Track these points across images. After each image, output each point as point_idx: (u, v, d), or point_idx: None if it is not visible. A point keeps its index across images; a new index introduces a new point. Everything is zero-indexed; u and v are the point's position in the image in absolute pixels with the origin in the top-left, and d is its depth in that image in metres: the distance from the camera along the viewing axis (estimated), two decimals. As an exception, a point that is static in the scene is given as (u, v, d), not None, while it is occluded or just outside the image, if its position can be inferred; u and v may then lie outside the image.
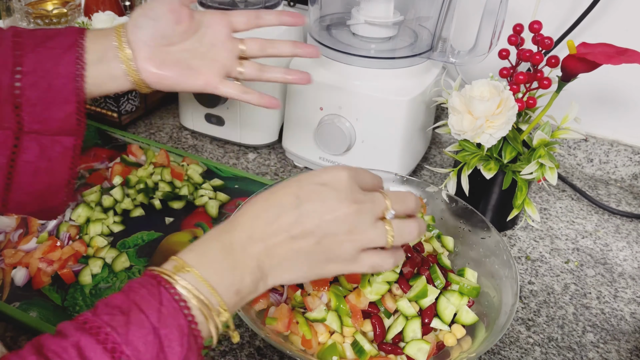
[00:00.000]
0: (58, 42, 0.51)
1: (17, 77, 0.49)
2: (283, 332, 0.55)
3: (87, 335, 0.34)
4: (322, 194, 0.43)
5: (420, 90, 0.77)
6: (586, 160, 0.93)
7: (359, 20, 0.78)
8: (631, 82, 0.86)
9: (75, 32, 0.53)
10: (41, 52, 0.50)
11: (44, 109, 0.50)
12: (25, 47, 0.50)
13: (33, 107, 0.50)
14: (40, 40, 0.51)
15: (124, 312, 0.35)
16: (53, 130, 0.51)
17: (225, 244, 0.42)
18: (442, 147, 0.97)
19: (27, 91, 0.49)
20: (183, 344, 0.36)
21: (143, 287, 0.38)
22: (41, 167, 0.52)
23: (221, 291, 0.40)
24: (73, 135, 0.53)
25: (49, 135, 0.51)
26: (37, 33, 0.52)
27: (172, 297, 0.37)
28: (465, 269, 0.61)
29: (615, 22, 0.83)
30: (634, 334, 0.64)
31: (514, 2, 0.84)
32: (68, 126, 0.52)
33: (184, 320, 0.37)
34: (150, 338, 0.35)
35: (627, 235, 0.80)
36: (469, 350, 0.53)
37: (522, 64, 0.71)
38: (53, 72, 0.50)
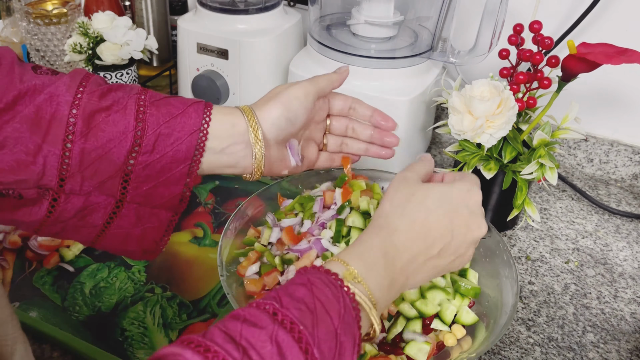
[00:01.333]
0: (182, 123, 0.49)
1: (132, 155, 0.48)
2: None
3: (283, 329, 0.34)
4: (469, 220, 0.48)
5: (420, 90, 0.77)
6: (586, 160, 0.93)
7: (359, 20, 0.78)
8: (631, 82, 0.86)
9: (201, 112, 0.50)
10: (161, 132, 0.48)
11: (151, 187, 0.50)
12: (147, 126, 0.48)
13: (141, 184, 0.49)
14: (163, 118, 0.49)
15: (311, 311, 0.36)
16: (154, 204, 0.51)
17: (388, 261, 0.43)
18: (442, 147, 0.97)
19: (139, 169, 0.48)
20: (354, 354, 0.36)
21: (327, 286, 0.38)
22: (133, 234, 0.52)
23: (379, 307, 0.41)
24: (172, 211, 0.53)
25: (148, 207, 0.51)
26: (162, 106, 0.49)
27: (351, 304, 0.38)
28: (468, 270, 0.61)
29: (615, 22, 0.83)
30: (634, 334, 0.64)
31: (514, 2, 0.84)
32: (170, 204, 0.52)
33: (357, 331, 0.37)
34: (333, 343, 0.35)
35: (627, 235, 0.80)
36: (469, 350, 0.53)
37: (522, 64, 0.71)
38: (169, 156, 0.49)
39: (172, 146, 0.49)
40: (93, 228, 0.51)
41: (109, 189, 0.49)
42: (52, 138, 0.45)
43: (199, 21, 0.87)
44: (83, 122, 0.46)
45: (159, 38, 1.01)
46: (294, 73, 0.80)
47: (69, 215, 0.49)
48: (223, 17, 0.85)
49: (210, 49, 0.85)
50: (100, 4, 0.96)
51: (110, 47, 0.87)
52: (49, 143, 0.45)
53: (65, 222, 0.50)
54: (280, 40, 0.87)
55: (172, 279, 0.65)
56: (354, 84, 0.76)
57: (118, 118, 0.47)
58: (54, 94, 0.46)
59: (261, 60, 0.85)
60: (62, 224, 0.50)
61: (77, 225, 0.50)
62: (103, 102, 0.47)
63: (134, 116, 0.47)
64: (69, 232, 0.51)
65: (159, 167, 0.49)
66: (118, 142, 0.47)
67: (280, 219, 0.66)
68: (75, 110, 0.46)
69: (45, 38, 0.98)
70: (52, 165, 0.46)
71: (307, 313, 0.35)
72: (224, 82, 0.86)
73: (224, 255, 0.59)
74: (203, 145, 0.50)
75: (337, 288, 0.38)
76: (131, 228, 0.52)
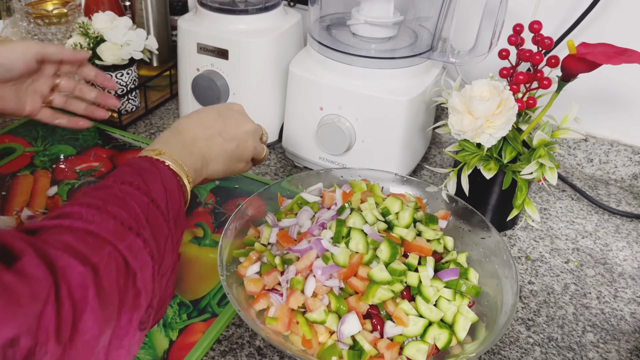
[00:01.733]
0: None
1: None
2: (283, 332, 0.55)
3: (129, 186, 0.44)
4: (235, 113, 0.63)
5: (420, 90, 0.77)
6: (586, 160, 0.93)
7: (359, 20, 0.78)
8: (631, 82, 0.86)
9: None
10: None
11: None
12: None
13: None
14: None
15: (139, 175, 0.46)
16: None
17: (179, 141, 0.55)
18: (442, 147, 0.97)
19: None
20: (180, 195, 0.49)
21: (143, 161, 0.49)
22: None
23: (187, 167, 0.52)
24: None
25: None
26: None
27: (166, 167, 0.50)
28: (469, 269, 0.61)
29: (615, 22, 0.83)
30: (634, 334, 0.64)
31: (514, 2, 0.84)
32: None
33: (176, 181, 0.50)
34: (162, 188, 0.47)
35: (627, 235, 0.80)
36: (468, 350, 0.54)
37: (522, 64, 0.71)
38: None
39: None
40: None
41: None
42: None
43: (199, 21, 0.87)
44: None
45: (159, 38, 1.01)
46: (294, 73, 0.80)
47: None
48: (223, 17, 0.85)
49: (210, 49, 0.85)
50: (100, 4, 0.96)
51: (110, 47, 0.87)
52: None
53: None
54: (280, 41, 0.87)
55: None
56: (354, 84, 0.76)
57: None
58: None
59: (261, 61, 0.85)
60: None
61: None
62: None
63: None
64: None
65: None
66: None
67: (280, 219, 0.66)
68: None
69: (46, 38, 0.98)
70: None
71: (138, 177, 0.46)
72: (224, 82, 0.86)
73: (224, 255, 0.59)
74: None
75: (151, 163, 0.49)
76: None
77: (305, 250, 0.59)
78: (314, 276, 0.57)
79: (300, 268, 0.57)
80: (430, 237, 0.64)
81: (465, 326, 0.56)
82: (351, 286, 0.56)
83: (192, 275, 0.66)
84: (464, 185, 0.72)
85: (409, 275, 0.57)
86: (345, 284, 0.57)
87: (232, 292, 0.55)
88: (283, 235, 0.63)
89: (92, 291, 0.35)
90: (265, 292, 0.58)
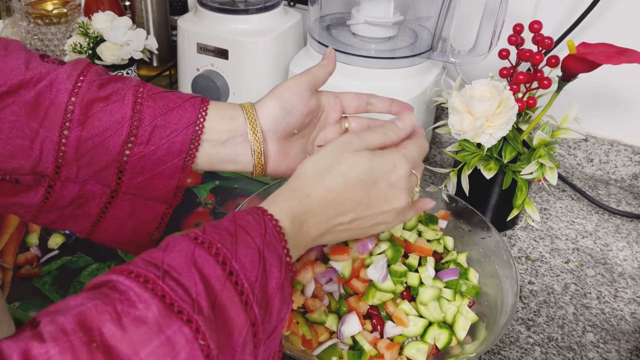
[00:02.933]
0: (178, 116, 0.49)
1: (128, 146, 0.48)
2: (283, 332, 0.55)
3: (200, 247, 0.35)
4: (387, 194, 0.48)
5: (420, 90, 0.77)
6: (586, 160, 0.93)
7: (359, 20, 0.78)
8: (631, 82, 0.86)
9: (198, 106, 0.50)
10: (157, 124, 0.49)
11: (146, 179, 0.50)
12: (143, 117, 0.48)
13: (136, 175, 0.49)
14: (160, 110, 0.49)
15: (231, 234, 0.37)
16: (149, 197, 0.51)
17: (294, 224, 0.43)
18: (442, 147, 0.97)
19: (134, 160, 0.49)
20: (282, 269, 0.38)
21: (248, 214, 0.40)
22: (127, 225, 0.53)
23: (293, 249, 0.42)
24: (167, 204, 0.53)
25: (143, 199, 0.52)
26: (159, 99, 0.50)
27: (274, 227, 0.40)
28: (469, 269, 0.61)
29: (615, 22, 0.83)
30: (634, 334, 0.64)
31: (514, 2, 0.84)
32: (164, 196, 0.52)
33: (282, 250, 0.39)
34: (255, 258, 0.37)
35: (627, 235, 0.80)
36: (469, 350, 0.53)
37: (522, 64, 0.71)
38: (164, 148, 0.49)
39: (168, 138, 0.49)
40: (88, 217, 0.51)
41: (104, 179, 0.49)
42: (49, 124, 0.46)
43: (199, 21, 0.87)
44: (81, 110, 0.47)
45: (159, 38, 1.01)
46: (294, 73, 0.80)
47: (65, 202, 0.50)
48: (223, 17, 0.85)
49: (210, 49, 0.85)
50: (100, 4, 0.96)
51: (110, 47, 0.87)
52: (46, 129, 0.46)
53: (61, 209, 0.50)
54: (280, 40, 0.87)
55: (172, 279, 0.65)
56: (354, 84, 0.76)
57: (115, 108, 0.48)
58: (55, 81, 0.47)
59: (261, 60, 0.85)
60: (58, 212, 0.50)
61: (73, 214, 0.51)
62: (102, 92, 0.48)
63: (131, 107, 0.48)
64: (65, 220, 0.52)
65: (154, 159, 0.49)
66: (114, 132, 0.47)
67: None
68: (74, 98, 0.47)
69: (45, 38, 0.98)
70: (48, 151, 0.46)
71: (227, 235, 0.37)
72: (224, 82, 0.86)
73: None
74: (199, 138, 0.50)
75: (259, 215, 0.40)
76: (126, 219, 0.52)
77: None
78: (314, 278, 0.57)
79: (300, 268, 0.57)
80: (430, 237, 0.64)
81: (465, 326, 0.56)
82: (352, 287, 0.56)
83: (192, 275, 0.66)
84: (464, 185, 0.72)
85: (409, 276, 0.57)
86: (345, 286, 0.57)
87: (232, 292, 0.55)
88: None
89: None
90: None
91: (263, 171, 0.54)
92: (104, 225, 0.52)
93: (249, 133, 0.52)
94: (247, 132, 0.52)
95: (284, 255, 0.39)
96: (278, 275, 0.38)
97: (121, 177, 0.49)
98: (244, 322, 0.34)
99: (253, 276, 0.36)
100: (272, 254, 0.38)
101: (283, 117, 0.53)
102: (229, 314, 0.33)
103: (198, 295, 0.32)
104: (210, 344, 0.31)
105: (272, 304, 0.37)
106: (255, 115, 0.52)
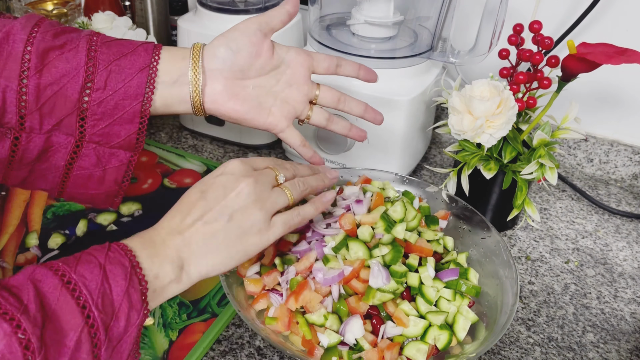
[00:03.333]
0: (132, 61, 0.52)
1: (86, 92, 0.50)
2: (283, 332, 0.55)
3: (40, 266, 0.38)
4: (221, 181, 0.49)
5: (420, 90, 0.77)
6: (586, 160, 0.93)
7: (359, 20, 0.78)
8: (631, 82, 0.86)
9: (150, 51, 0.53)
10: (112, 70, 0.51)
11: (107, 125, 0.52)
12: (98, 63, 0.51)
13: (97, 122, 0.51)
14: (114, 56, 0.51)
15: (75, 257, 0.40)
16: (112, 144, 0.53)
17: (146, 240, 0.45)
18: (442, 147, 0.97)
19: (93, 106, 0.51)
20: (126, 278, 0.40)
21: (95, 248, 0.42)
22: (95, 175, 0.54)
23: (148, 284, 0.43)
24: (131, 151, 0.54)
25: (107, 147, 0.53)
26: (113, 46, 0.52)
27: (120, 247, 0.42)
28: (469, 269, 0.61)
29: (615, 22, 0.83)
30: (634, 334, 0.64)
31: (514, 2, 0.84)
32: (127, 143, 0.53)
33: (127, 261, 0.41)
34: (96, 270, 0.39)
35: (627, 235, 0.80)
36: (468, 350, 0.53)
37: (522, 64, 0.71)
38: (121, 92, 0.51)
39: (124, 82, 0.51)
40: (56, 170, 0.53)
41: (67, 128, 0.51)
42: (8, 73, 0.48)
43: (199, 21, 0.87)
44: (37, 58, 0.49)
45: (159, 38, 1.01)
46: (294, 73, 0.80)
47: (32, 156, 0.52)
48: (223, 17, 0.85)
49: (210, 49, 0.85)
50: (100, 4, 0.96)
51: (110, 47, 0.87)
52: (6, 78, 0.48)
53: (30, 165, 0.52)
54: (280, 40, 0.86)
55: (172, 279, 0.65)
56: (354, 84, 0.76)
57: (70, 56, 0.50)
58: (10, 32, 0.49)
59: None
60: (27, 168, 0.52)
61: (42, 170, 0.53)
62: (56, 40, 0.50)
63: (85, 53, 0.51)
64: (35, 179, 0.54)
65: (113, 104, 0.51)
66: (71, 78, 0.50)
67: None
68: (30, 47, 0.49)
69: (45, 38, 0.98)
70: (11, 101, 0.48)
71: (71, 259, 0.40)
72: (224, 82, 0.86)
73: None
74: (153, 81, 0.52)
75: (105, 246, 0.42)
76: (93, 169, 0.54)
77: (305, 251, 0.59)
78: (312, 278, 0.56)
79: (300, 269, 0.57)
80: (430, 238, 0.63)
81: (465, 326, 0.56)
82: (352, 288, 0.56)
83: (192, 275, 0.66)
84: (464, 185, 0.72)
85: (409, 276, 0.57)
86: (345, 286, 0.57)
87: (232, 292, 0.55)
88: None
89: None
90: (265, 292, 0.58)
91: (202, 109, 0.56)
92: (73, 178, 0.54)
93: (188, 71, 0.54)
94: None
95: (129, 265, 0.41)
96: (122, 283, 0.40)
97: (84, 125, 0.51)
98: (79, 323, 0.37)
99: (93, 284, 0.38)
100: (116, 266, 0.40)
101: (228, 56, 0.55)
102: (62, 316, 0.36)
103: (28, 300, 0.35)
104: (31, 337, 0.34)
105: (119, 310, 0.39)
106: (200, 54, 0.54)
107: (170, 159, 0.85)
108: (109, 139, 0.53)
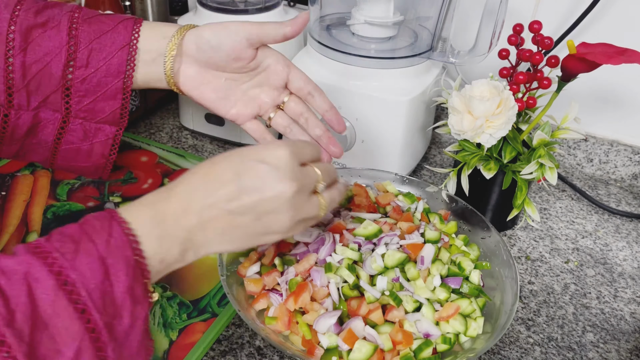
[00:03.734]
0: (112, 39, 0.54)
1: (69, 70, 0.53)
2: (283, 332, 0.55)
3: (36, 258, 0.35)
4: (262, 171, 0.43)
5: (420, 90, 0.77)
6: (586, 160, 0.93)
7: (359, 20, 0.78)
8: (631, 82, 0.86)
9: (130, 27, 0.55)
10: (94, 48, 0.53)
11: (91, 102, 0.54)
12: (79, 42, 0.53)
13: (81, 98, 0.54)
14: (95, 34, 0.54)
15: (75, 241, 0.37)
16: (98, 119, 0.56)
17: (158, 214, 0.41)
18: (442, 147, 0.97)
19: (77, 83, 0.53)
20: (129, 273, 0.37)
21: (97, 219, 0.39)
22: (83, 149, 0.57)
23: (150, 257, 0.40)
24: (116, 126, 0.57)
25: (93, 123, 0.56)
26: (94, 23, 0.54)
27: (123, 230, 0.38)
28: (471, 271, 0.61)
29: (615, 22, 0.83)
30: (634, 334, 0.64)
31: (514, 2, 0.84)
32: (112, 118, 0.56)
33: (131, 253, 0.38)
34: (96, 265, 0.36)
35: (627, 235, 0.80)
36: (468, 350, 0.54)
37: (522, 64, 0.71)
38: (103, 70, 0.54)
39: (105, 60, 0.53)
40: (46, 145, 0.56)
41: (53, 104, 0.54)
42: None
43: (199, 21, 0.87)
44: (21, 37, 0.51)
45: (159, 38, 1.01)
46: (294, 73, 0.80)
47: (22, 132, 0.54)
48: (223, 17, 0.85)
49: (210, 49, 0.85)
50: (100, 4, 0.96)
51: (110, 47, 0.87)
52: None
53: (20, 141, 0.55)
54: (280, 40, 0.87)
55: (172, 278, 0.65)
56: (354, 84, 0.76)
57: (53, 34, 0.52)
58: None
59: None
60: (18, 143, 0.55)
61: (32, 145, 0.56)
62: (39, 18, 0.52)
63: (67, 32, 0.53)
64: (26, 152, 0.57)
65: (96, 81, 0.54)
66: (54, 56, 0.52)
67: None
68: (14, 27, 0.51)
69: (45, 38, 0.98)
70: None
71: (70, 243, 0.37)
72: (224, 82, 0.86)
73: (224, 255, 0.59)
74: (133, 59, 0.54)
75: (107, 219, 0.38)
76: (80, 143, 0.56)
77: (304, 253, 0.59)
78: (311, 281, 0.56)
79: (300, 270, 0.57)
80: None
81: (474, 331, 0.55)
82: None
83: (192, 275, 0.66)
84: (464, 185, 0.72)
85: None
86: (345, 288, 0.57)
87: (232, 292, 0.55)
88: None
89: None
90: (265, 292, 0.58)
91: (178, 89, 0.59)
92: (62, 152, 0.57)
93: (165, 53, 0.56)
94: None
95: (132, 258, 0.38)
96: (125, 279, 0.37)
97: (69, 102, 0.54)
98: (79, 330, 0.34)
99: (92, 283, 0.35)
100: (117, 259, 0.37)
101: (206, 49, 0.56)
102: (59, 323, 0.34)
103: (17, 306, 0.33)
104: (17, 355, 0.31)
105: (122, 307, 0.37)
106: (181, 36, 0.56)
107: (170, 159, 0.85)
108: (94, 115, 0.55)
